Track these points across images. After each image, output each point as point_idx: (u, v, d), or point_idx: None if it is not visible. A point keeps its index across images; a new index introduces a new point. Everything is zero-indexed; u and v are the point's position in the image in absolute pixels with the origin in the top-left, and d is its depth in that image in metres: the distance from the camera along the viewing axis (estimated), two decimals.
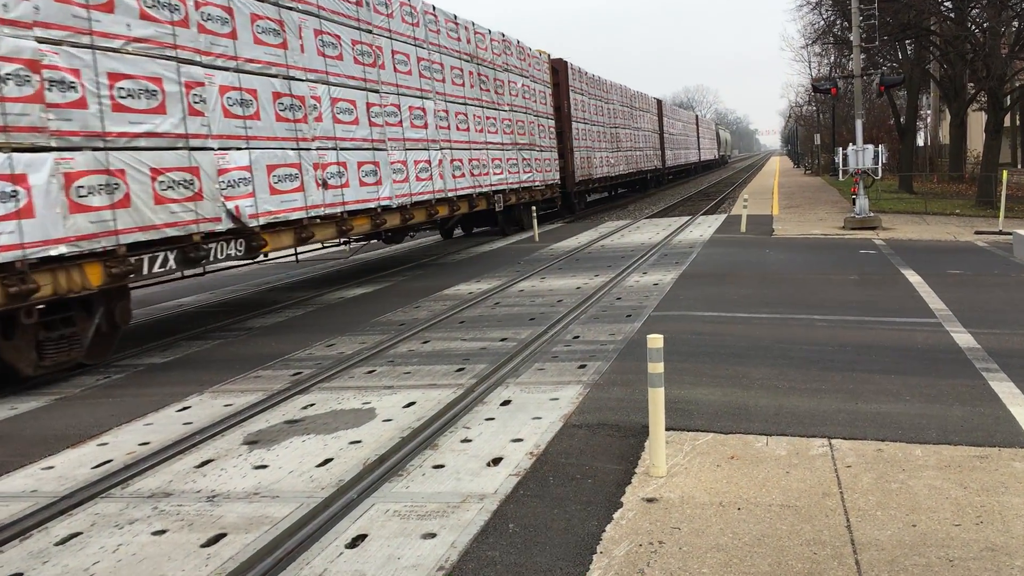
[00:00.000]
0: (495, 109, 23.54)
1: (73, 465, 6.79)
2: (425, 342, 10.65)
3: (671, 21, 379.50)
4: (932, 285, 12.94)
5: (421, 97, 18.60)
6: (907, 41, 35.67)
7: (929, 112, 54.68)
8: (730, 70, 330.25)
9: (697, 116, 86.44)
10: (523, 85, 26.34)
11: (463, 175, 20.72)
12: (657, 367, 5.79)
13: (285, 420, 7.64)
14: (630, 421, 6.95)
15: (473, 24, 22.35)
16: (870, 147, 23.38)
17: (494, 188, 23.13)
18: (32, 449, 7.30)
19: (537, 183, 27.33)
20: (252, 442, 7.06)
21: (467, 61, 21.56)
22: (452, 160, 20.05)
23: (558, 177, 30.03)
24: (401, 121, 17.52)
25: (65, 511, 5.81)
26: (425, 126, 18.68)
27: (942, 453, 6.02)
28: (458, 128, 20.59)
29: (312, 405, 8.08)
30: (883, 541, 4.71)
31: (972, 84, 35.09)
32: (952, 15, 30.01)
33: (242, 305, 15.21)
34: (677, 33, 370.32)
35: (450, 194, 19.95)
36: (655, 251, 19.09)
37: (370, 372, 9.29)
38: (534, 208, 25.61)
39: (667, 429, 6.12)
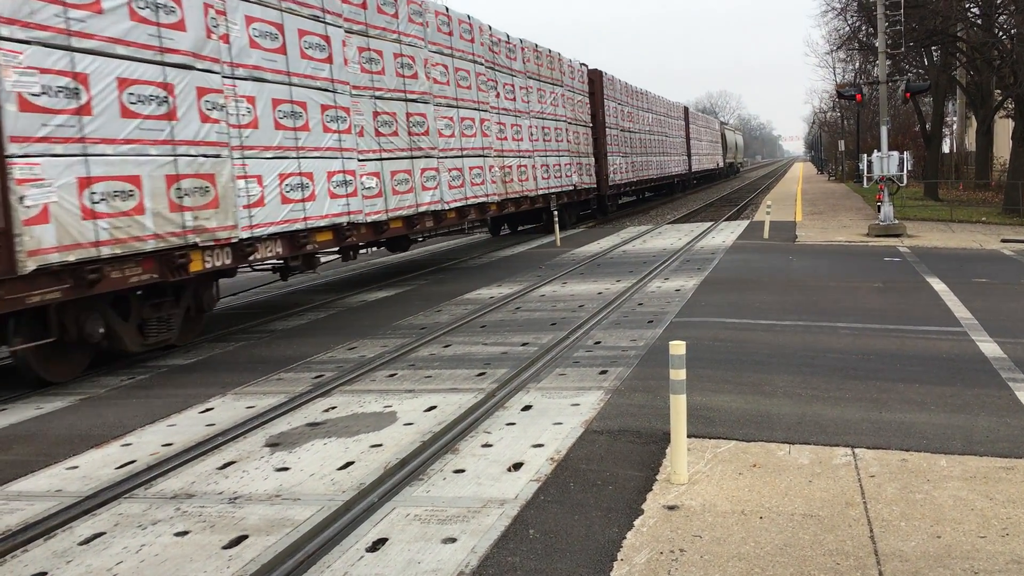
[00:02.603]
0: None
1: (97, 465, 6.85)
2: (446, 346, 10.67)
3: (693, 27, 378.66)
4: (958, 293, 12.81)
5: None
6: (933, 47, 35.35)
7: (955, 119, 54.18)
8: (753, 76, 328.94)
9: (687, 108, 58.19)
10: None
11: None
12: (679, 374, 5.77)
13: (307, 423, 7.68)
14: (651, 428, 6.92)
15: None
16: (895, 154, 23.19)
17: None
18: (57, 449, 7.37)
19: None
20: (274, 444, 7.10)
21: None
22: None
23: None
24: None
25: (89, 511, 5.85)
26: None
27: (967, 464, 5.96)
28: None
29: (334, 408, 8.11)
30: (907, 552, 4.67)
31: (999, 91, 34.74)
32: (979, 21, 29.73)
33: (265, 307, 15.29)
34: (699, 40, 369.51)
35: None
36: (677, 257, 19.02)
37: (391, 376, 9.31)
38: (555, 212, 25.22)
39: (689, 436, 6.09)
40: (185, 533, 5.36)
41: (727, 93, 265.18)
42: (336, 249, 15.08)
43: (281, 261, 13.52)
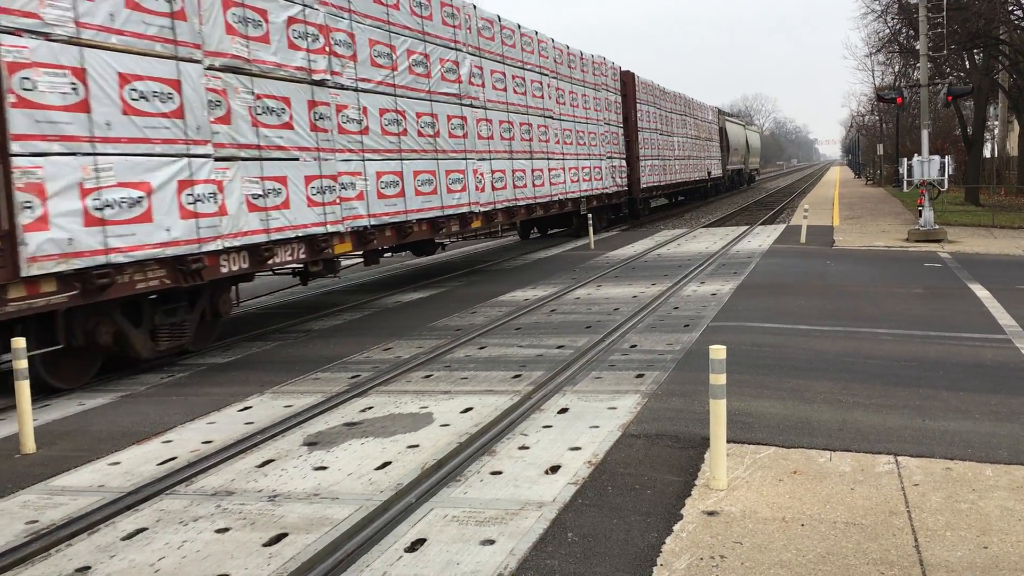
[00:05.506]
0: None
1: (139, 461, 6.94)
2: (482, 348, 10.67)
3: (728, 28, 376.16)
4: (1001, 300, 12.59)
5: None
6: (976, 50, 34.82)
7: (997, 123, 53.33)
8: (789, 79, 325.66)
9: (634, 75, 32.48)
10: None
11: None
12: (719, 378, 5.72)
13: (344, 422, 7.72)
14: (689, 432, 6.87)
15: None
16: (936, 158, 22.80)
17: None
18: (99, 445, 7.48)
19: None
20: (312, 443, 7.14)
21: None
22: None
23: None
24: None
25: (131, 507, 5.93)
26: None
27: (1014, 473, 5.84)
28: None
29: (370, 408, 8.15)
30: (953, 563, 4.58)
31: None
32: (1023, 24, 29.23)
33: (301, 307, 15.41)
34: (734, 41, 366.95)
35: None
36: (713, 261, 18.89)
37: (427, 376, 9.33)
38: (589, 216, 25.26)
39: (727, 442, 6.04)
40: (226, 530, 5.41)
41: (763, 96, 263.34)
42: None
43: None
